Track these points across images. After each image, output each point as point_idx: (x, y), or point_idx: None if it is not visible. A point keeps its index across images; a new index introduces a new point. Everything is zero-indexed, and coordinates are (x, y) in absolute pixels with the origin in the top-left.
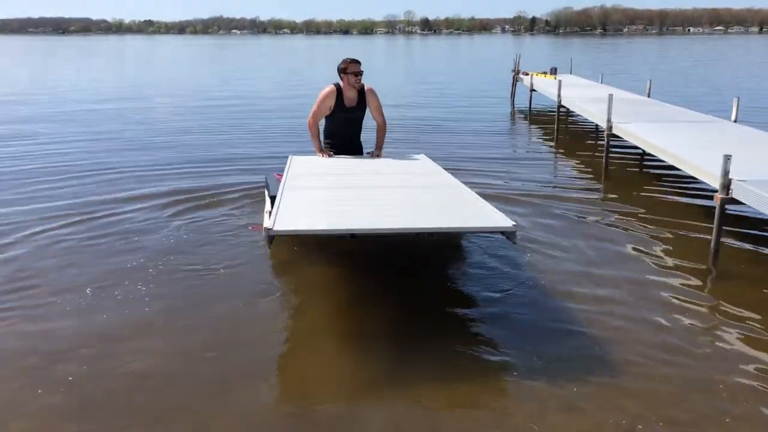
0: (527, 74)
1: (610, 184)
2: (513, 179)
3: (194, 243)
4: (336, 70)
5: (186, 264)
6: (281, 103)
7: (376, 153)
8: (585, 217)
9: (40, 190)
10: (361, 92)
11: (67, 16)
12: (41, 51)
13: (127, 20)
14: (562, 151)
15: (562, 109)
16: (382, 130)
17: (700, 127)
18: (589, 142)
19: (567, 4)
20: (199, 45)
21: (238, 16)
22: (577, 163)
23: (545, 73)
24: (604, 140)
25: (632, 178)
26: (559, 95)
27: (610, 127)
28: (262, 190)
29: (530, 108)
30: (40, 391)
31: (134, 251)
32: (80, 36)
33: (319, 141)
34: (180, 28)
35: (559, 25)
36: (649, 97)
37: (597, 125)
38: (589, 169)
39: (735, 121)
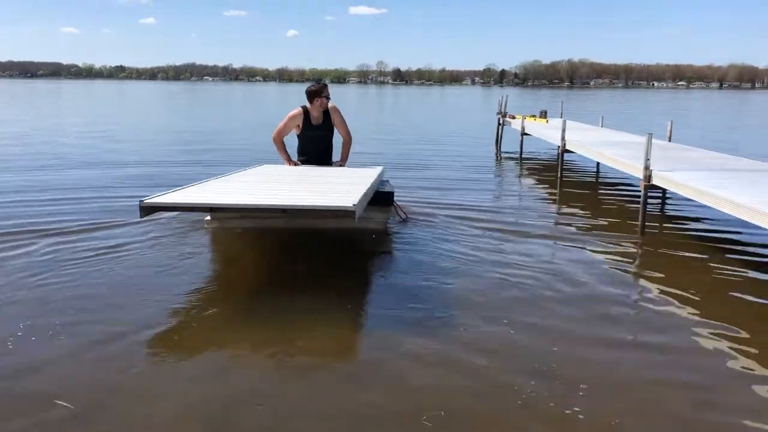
0: (514, 117)
1: (650, 241)
2: (528, 236)
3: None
4: (305, 93)
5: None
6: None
7: (339, 163)
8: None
9: None
10: (326, 112)
11: (37, 60)
12: None
13: (97, 65)
14: (572, 200)
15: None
16: (347, 143)
17: (760, 176)
18: (592, 189)
19: (536, 57)
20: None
21: (210, 63)
22: (592, 213)
23: (534, 116)
24: (640, 191)
25: (674, 236)
26: (563, 139)
27: (648, 177)
28: None
29: (521, 153)
30: None
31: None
32: (48, 80)
33: (287, 152)
34: (151, 75)
35: (528, 78)
36: (670, 141)
37: (598, 171)
38: (617, 221)
39: None
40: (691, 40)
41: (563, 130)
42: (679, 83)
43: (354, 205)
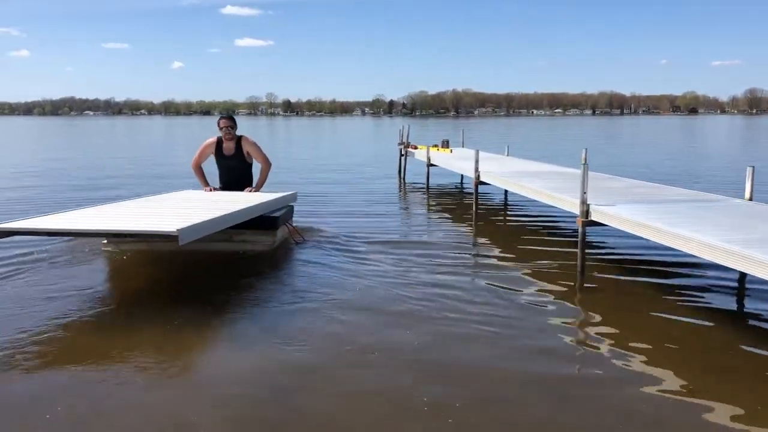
0: (416, 147)
1: (593, 292)
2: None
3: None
4: (216, 125)
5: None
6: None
7: (253, 189)
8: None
9: None
10: (238, 142)
11: None
12: None
13: None
14: (489, 239)
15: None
16: (264, 169)
17: (706, 207)
18: (503, 220)
19: (422, 88)
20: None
21: (91, 97)
22: (522, 259)
23: (437, 146)
24: (579, 230)
25: (615, 282)
26: (476, 170)
27: (586, 212)
28: None
29: (428, 184)
30: None
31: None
32: None
33: (204, 179)
34: (26, 109)
35: (415, 108)
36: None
37: (507, 201)
38: (552, 266)
39: (751, 199)
40: (563, 69)
41: (476, 161)
42: (556, 110)
43: (178, 230)
